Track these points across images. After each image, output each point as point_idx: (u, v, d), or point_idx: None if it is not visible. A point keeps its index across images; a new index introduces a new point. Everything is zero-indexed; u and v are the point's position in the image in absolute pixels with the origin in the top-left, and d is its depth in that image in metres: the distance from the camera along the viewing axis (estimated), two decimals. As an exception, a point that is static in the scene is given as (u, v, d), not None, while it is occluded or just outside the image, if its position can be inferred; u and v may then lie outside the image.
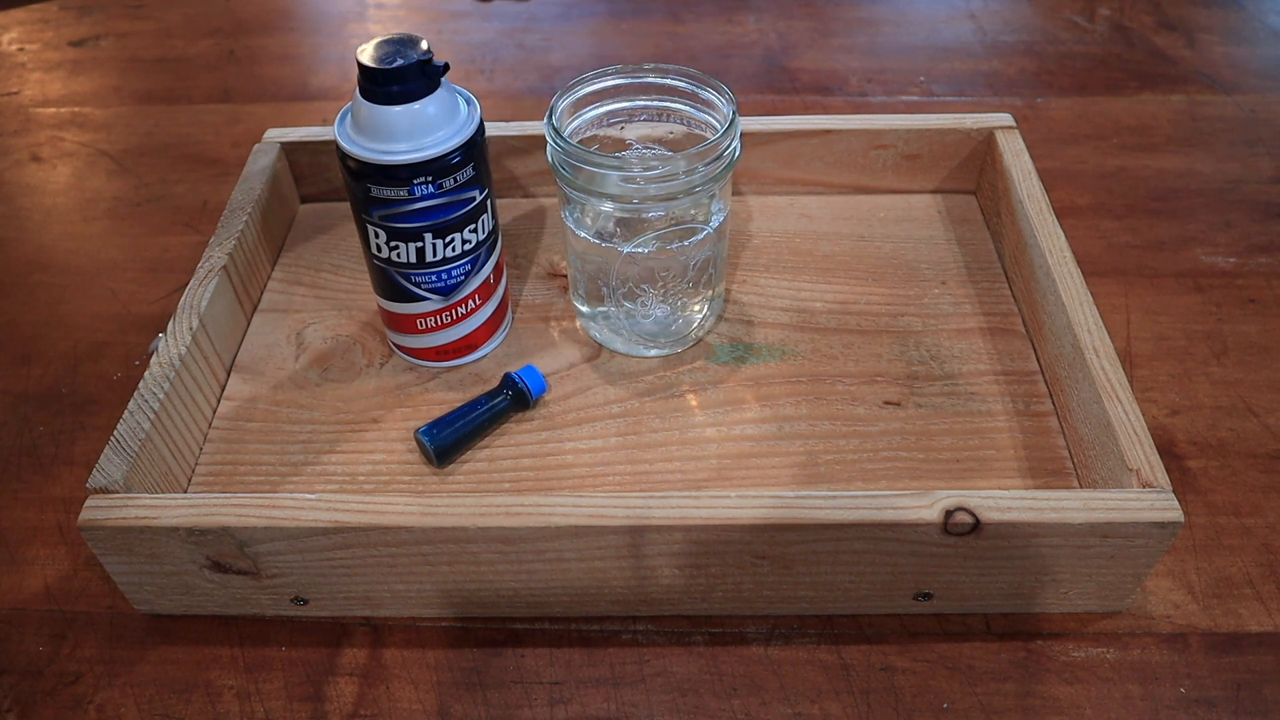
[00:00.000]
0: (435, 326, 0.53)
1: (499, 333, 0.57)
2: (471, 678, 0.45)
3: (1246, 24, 0.93)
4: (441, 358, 0.55)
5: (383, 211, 0.48)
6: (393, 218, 0.48)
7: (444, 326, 0.53)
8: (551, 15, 0.97)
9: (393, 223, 0.49)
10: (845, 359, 0.57)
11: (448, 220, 0.49)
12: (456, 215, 0.49)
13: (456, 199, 0.49)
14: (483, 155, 0.49)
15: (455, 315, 0.53)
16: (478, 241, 0.51)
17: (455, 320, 0.53)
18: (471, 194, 0.49)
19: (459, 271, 0.51)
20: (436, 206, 0.48)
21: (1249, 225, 0.68)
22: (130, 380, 0.59)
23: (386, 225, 0.49)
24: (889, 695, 0.44)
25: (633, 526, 0.42)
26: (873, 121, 0.65)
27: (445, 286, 0.52)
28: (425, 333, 0.54)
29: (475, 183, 0.49)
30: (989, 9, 0.96)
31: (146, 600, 0.47)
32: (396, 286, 0.52)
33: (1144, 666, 0.45)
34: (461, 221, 0.49)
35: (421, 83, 0.46)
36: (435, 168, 0.47)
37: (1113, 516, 0.41)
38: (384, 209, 0.48)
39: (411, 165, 0.47)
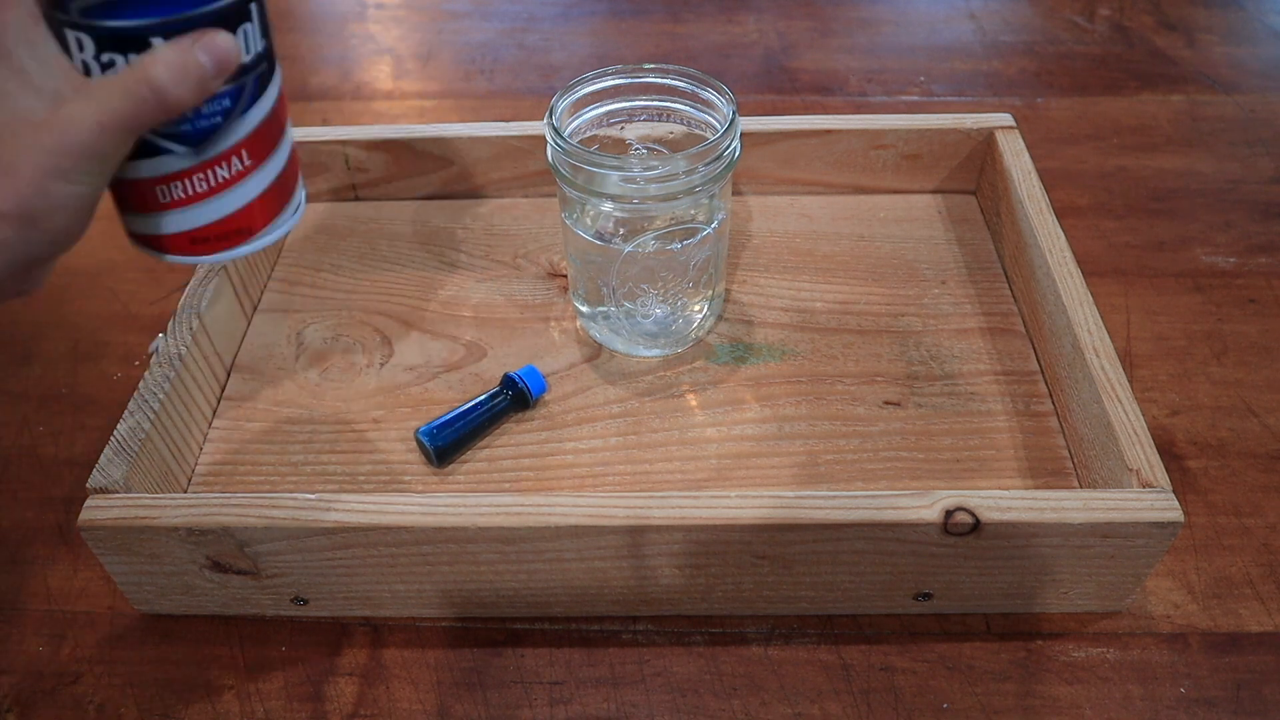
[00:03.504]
0: (185, 198, 0.37)
1: (285, 213, 0.40)
2: (471, 678, 0.45)
3: (1246, 24, 0.92)
4: (199, 248, 0.38)
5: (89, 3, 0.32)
6: (100, 8, 0.32)
7: (198, 197, 0.37)
8: (551, 15, 0.97)
9: (101, 19, 0.32)
10: (845, 359, 0.57)
11: (185, 15, 0.33)
12: (200, 10, 0.33)
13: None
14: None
15: (214, 179, 0.37)
16: (241, 65, 0.35)
17: (215, 187, 0.37)
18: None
19: (213, 108, 0.35)
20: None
21: (1249, 225, 0.68)
22: (130, 380, 0.59)
23: (91, 25, 0.32)
24: (889, 695, 0.44)
25: (633, 526, 0.42)
26: (873, 121, 0.65)
27: (194, 131, 0.35)
28: (171, 207, 0.37)
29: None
30: (989, 9, 0.96)
31: (146, 600, 0.47)
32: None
33: (1144, 666, 0.45)
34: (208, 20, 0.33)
35: None
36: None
37: (1113, 516, 0.41)
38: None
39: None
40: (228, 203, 0.37)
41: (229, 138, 0.36)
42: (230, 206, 0.38)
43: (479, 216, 0.67)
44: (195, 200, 0.37)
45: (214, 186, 0.37)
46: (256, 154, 0.37)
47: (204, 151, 0.36)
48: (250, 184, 0.38)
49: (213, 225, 0.38)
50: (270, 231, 0.39)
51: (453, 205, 0.68)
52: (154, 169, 0.36)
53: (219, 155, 0.36)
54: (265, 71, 0.37)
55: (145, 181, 0.36)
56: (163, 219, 0.37)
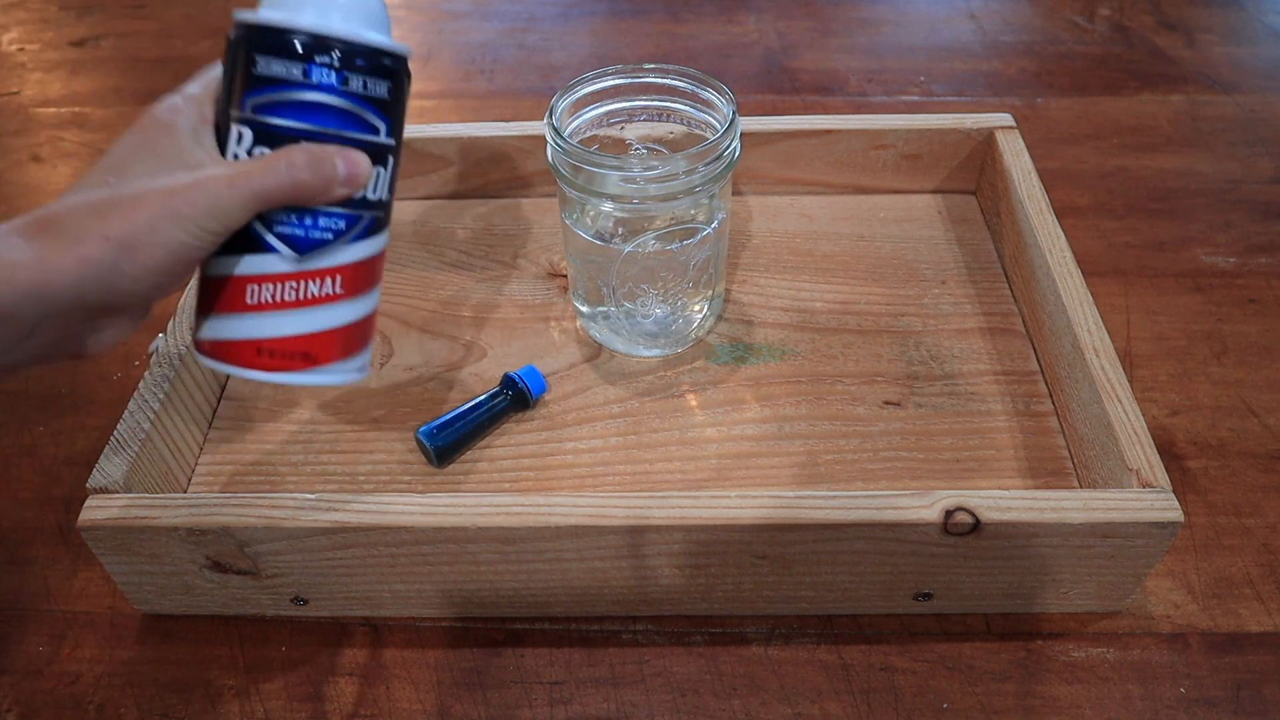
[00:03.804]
0: (271, 303, 0.37)
1: (351, 361, 0.40)
2: (471, 678, 0.45)
3: (1246, 24, 0.92)
4: (262, 361, 0.38)
5: (259, 98, 0.36)
6: (269, 108, 0.36)
7: (283, 305, 0.37)
8: (551, 15, 0.97)
9: (266, 115, 0.36)
10: (845, 359, 0.57)
11: (334, 131, 0.36)
12: (352, 135, 0.37)
13: (358, 113, 0.37)
14: (402, 101, 0.39)
15: (304, 292, 0.38)
16: (365, 198, 0.38)
17: (302, 301, 0.38)
18: (377, 123, 0.37)
19: (328, 225, 0.37)
20: (332, 108, 0.36)
21: (1249, 225, 0.68)
22: (130, 380, 0.59)
23: (256, 120, 0.36)
24: (889, 695, 0.44)
25: (633, 526, 0.42)
26: (873, 121, 0.65)
27: (304, 239, 0.37)
28: (252, 310, 0.37)
29: (386, 112, 0.38)
30: (989, 9, 0.96)
31: (146, 600, 0.47)
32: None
33: (1144, 666, 0.45)
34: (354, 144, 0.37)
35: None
36: (345, 51, 0.36)
37: (1113, 516, 0.41)
38: (261, 93, 0.36)
39: (317, 36, 0.35)
40: (306, 321, 0.38)
41: (331, 258, 0.38)
42: (306, 326, 0.38)
43: (479, 216, 0.67)
44: (279, 308, 0.37)
45: (301, 300, 0.38)
46: (348, 286, 0.39)
47: (305, 262, 0.37)
48: (332, 312, 0.39)
49: (283, 340, 0.38)
50: (331, 371, 0.39)
51: (453, 205, 0.68)
52: (255, 266, 0.37)
53: (316, 271, 0.38)
54: (379, 218, 0.39)
55: (240, 279, 0.37)
56: (240, 322, 0.38)
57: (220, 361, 0.38)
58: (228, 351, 0.38)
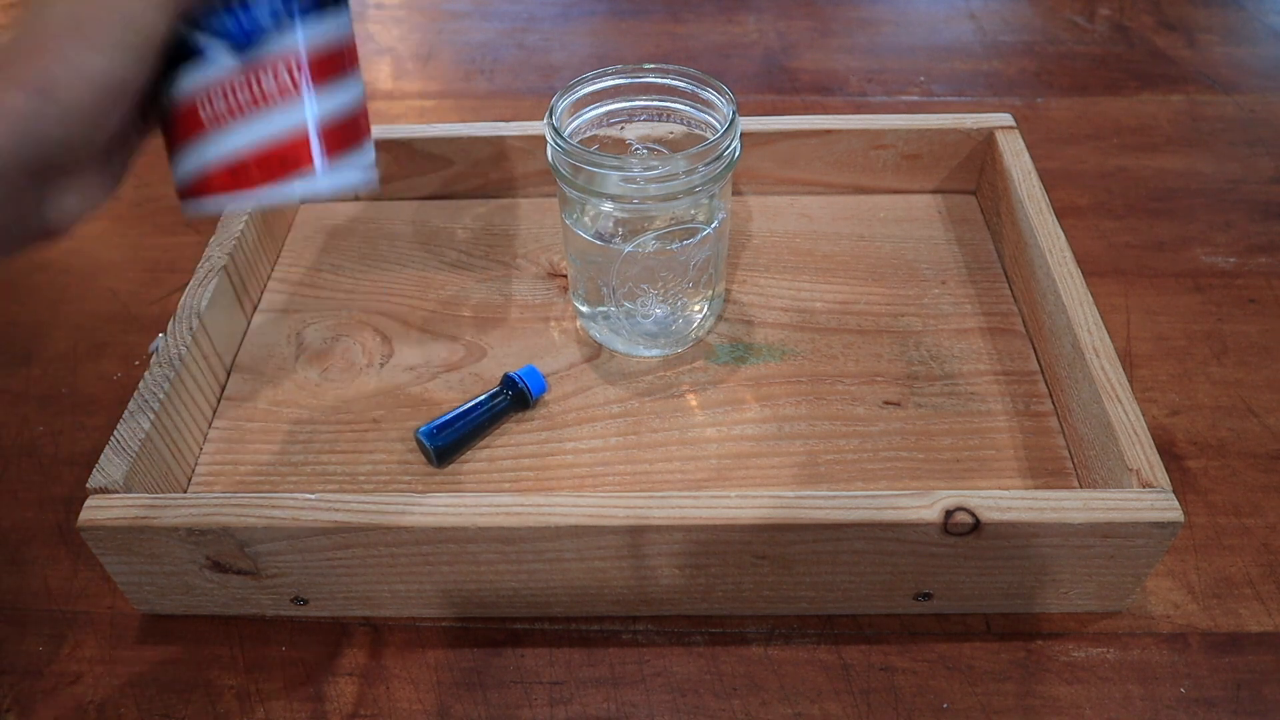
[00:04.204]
0: (228, 113, 0.33)
1: (343, 159, 0.35)
2: (471, 678, 0.45)
3: (1246, 24, 0.92)
4: (239, 182, 0.34)
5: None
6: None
7: (240, 113, 0.33)
8: (551, 15, 0.97)
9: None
10: (845, 359, 0.57)
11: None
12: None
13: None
14: None
15: (258, 90, 0.33)
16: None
17: (259, 99, 0.33)
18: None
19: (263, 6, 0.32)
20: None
21: (1249, 225, 0.68)
22: (130, 380, 0.59)
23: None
24: (889, 695, 0.44)
25: (633, 526, 0.42)
26: (873, 121, 0.65)
27: (240, 30, 0.32)
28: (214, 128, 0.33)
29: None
30: (989, 9, 0.96)
31: (146, 600, 0.47)
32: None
33: (1144, 666, 0.45)
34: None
35: None
36: None
37: (1113, 516, 0.41)
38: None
39: None
40: (272, 122, 0.33)
41: (278, 44, 0.33)
42: (274, 127, 0.33)
43: (479, 216, 0.67)
44: (237, 116, 0.33)
45: (258, 99, 0.33)
46: (313, 73, 0.33)
47: (249, 55, 0.32)
48: (299, 108, 0.33)
49: (255, 150, 0.33)
50: (324, 174, 0.34)
51: (453, 205, 0.68)
52: (198, 78, 0.32)
53: (265, 63, 0.33)
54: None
55: (188, 101, 0.33)
56: (205, 148, 0.33)
57: (200, 198, 0.34)
58: (204, 184, 0.34)
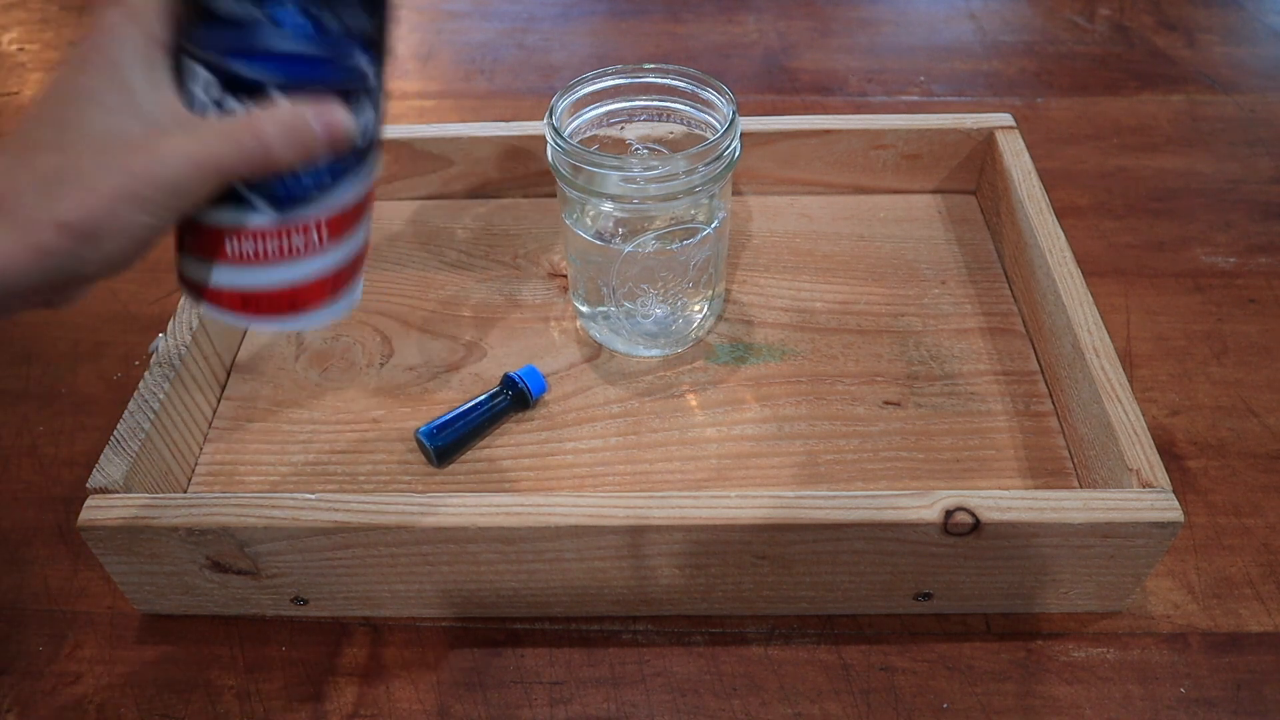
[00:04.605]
0: (252, 257, 0.35)
1: (339, 299, 0.37)
2: (471, 678, 0.45)
3: (1246, 24, 0.92)
4: (247, 310, 0.36)
5: (220, 41, 0.31)
6: (232, 52, 0.31)
7: (265, 259, 0.35)
8: (551, 15, 0.97)
9: (230, 60, 0.31)
10: (845, 359, 0.57)
11: (311, 81, 0.32)
12: (327, 80, 0.33)
13: (335, 55, 0.32)
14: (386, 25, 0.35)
15: (287, 246, 0.35)
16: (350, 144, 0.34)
17: (285, 254, 0.35)
18: (358, 60, 0.33)
19: (311, 179, 0.34)
20: (302, 55, 0.32)
21: (1249, 225, 0.68)
22: (130, 380, 0.59)
23: (220, 65, 0.32)
24: (889, 695, 0.44)
25: (633, 526, 0.42)
26: (873, 121, 0.65)
27: (285, 195, 0.34)
28: (235, 262, 0.35)
29: (368, 45, 0.33)
30: (989, 9, 0.96)
31: (146, 600, 0.47)
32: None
33: (1144, 666, 0.45)
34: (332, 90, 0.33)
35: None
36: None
37: (1113, 516, 0.41)
38: (222, 34, 0.31)
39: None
40: (290, 273, 0.35)
41: (315, 209, 0.35)
42: (291, 278, 0.36)
43: (479, 216, 0.67)
44: (261, 262, 0.35)
45: (284, 253, 0.35)
46: (335, 233, 0.36)
47: (287, 216, 0.34)
48: (318, 261, 0.36)
49: (268, 291, 0.36)
50: (318, 314, 0.37)
51: (453, 205, 0.68)
52: (232, 219, 0.34)
53: (300, 224, 0.35)
54: (365, 158, 0.36)
55: (218, 230, 0.34)
56: (222, 272, 0.35)
57: (206, 303, 0.36)
58: (213, 296, 0.36)
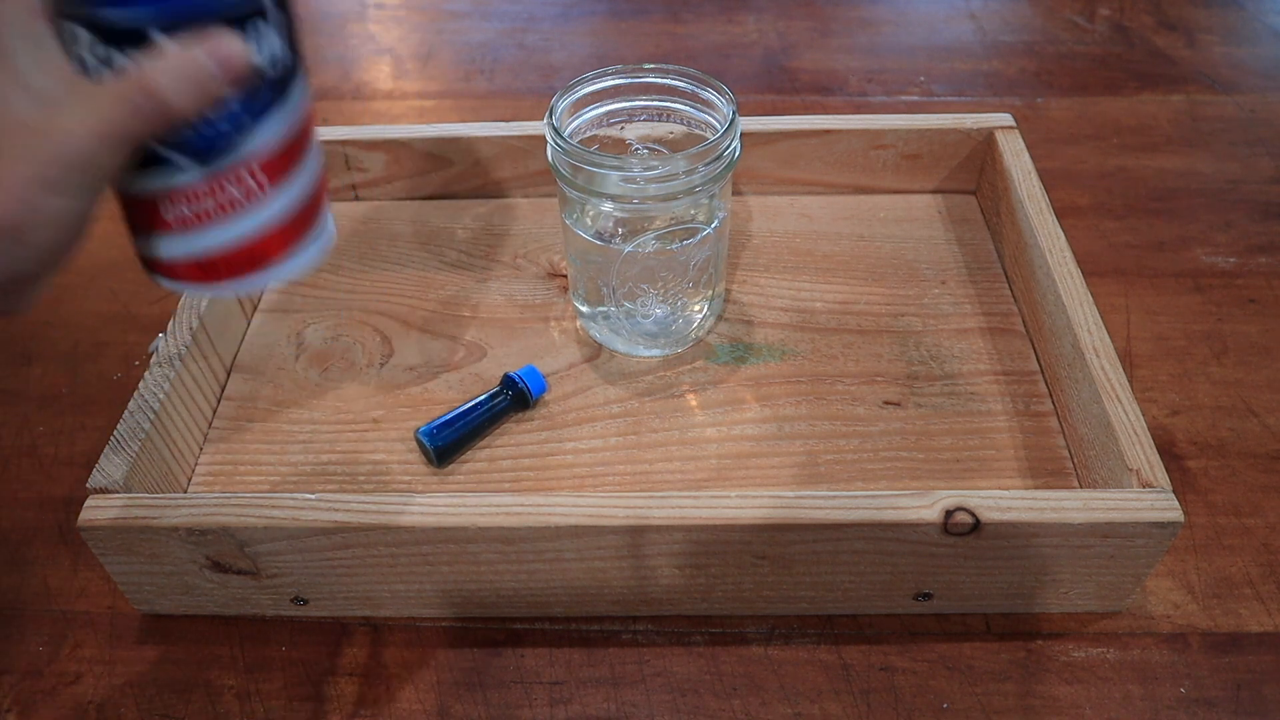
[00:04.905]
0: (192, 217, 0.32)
1: (305, 244, 0.35)
2: (471, 678, 0.45)
3: (1246, 24, 0.92)
4: (211, 276, 0.34)
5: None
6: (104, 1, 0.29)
7: (205, 217, 0.32)
8: (551, 15, 0.97)
9: (103, 10, 0.29)
10: (845, 359, 0.57)
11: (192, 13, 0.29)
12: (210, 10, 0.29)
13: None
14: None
15: (224, 199, 0.32)
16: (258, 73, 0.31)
17: (226, 209, 0.32)
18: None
19: (225, 119, 0.31)
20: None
21: (1249, 225, 0.68)
22: (130, 380, 0.59)
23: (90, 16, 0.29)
24: (889, 695, 0.44)
25: (633, 526, 0.42)
26: (873, 121, 0.65)
27: (203, 146, 0.31)
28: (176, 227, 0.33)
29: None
30: (989, 9, 0.96)
31: (146, 600, 0.47)
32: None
33: (1144, 666, 0.45)
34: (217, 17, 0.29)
35: None
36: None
37: (1113, 516, 0.41)
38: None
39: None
40: (240, 227, 0.33)
41: (240, 151, 0.32)
42: (242, 231, 0.33)
43: (479, 216, 0.67)
44: (203, 221, 0.32)
45: (223, 206, 0.32)
46: (275, 174, 0.33)
47: (211, 164, 0.32)
48: (266, 207, 0.33)
49: (223, 252, 0.33)
50: (288, 263, 0.35)
51: (453, 205, 0.68)
52: (157, 182, 0.32)
53: (229, 171, 0.32)
54: (284, 79, 0.32)
55: (149, 198, 0.32)
56: (168, 241, 0.33)
57: (168, 279, 0.34)
58: (171, 270, 0.34)
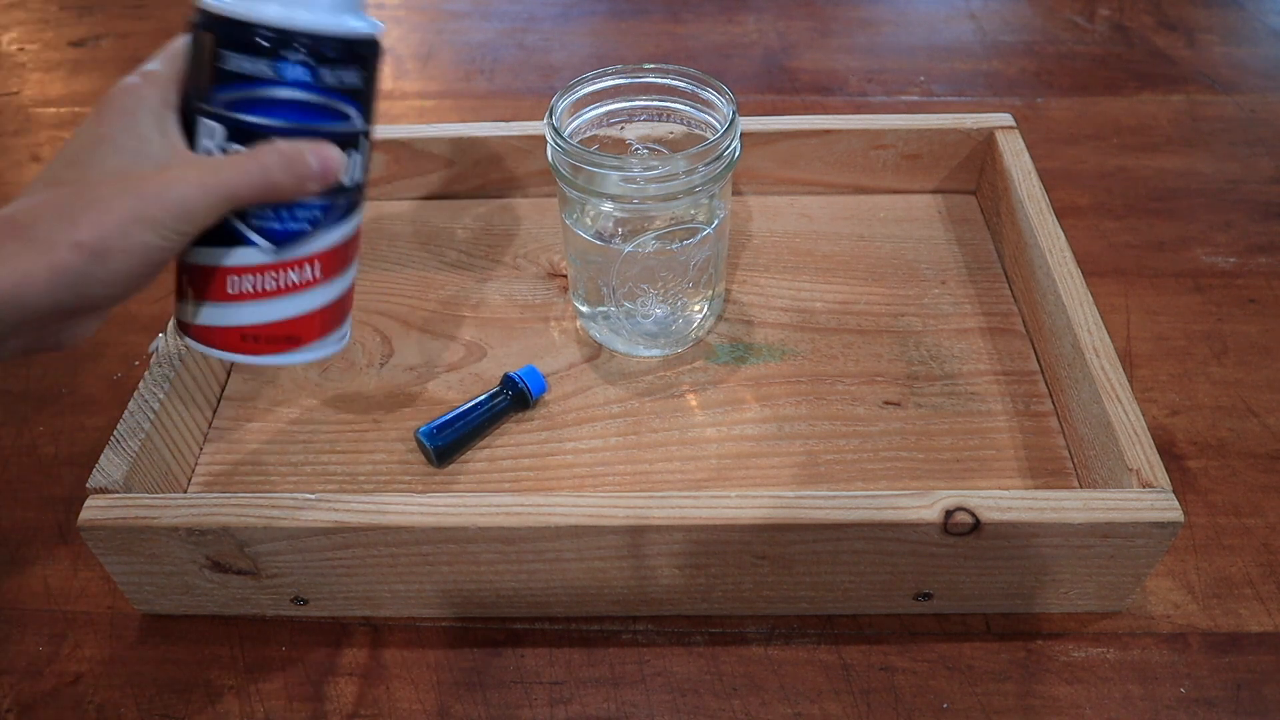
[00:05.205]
0: (252, 293, 0.38)
1: (332, 336, 0.41)
2: (471, 678, 0.45)
3: (1246, 24, 0.92)
4: (246, 346, 0.39)
5: (229, 94, 0.35)
6: (241, 104, 0.35)
7: (264, 295, 0.38)
8: (551, 15, 0.97)
9: (239, 112, 0.35)
10: (845, 359, 0.57)
11: (308, 127, 0.36)
12: (325, 128, 0.37)
13: (331, 105, 0.36)
14: (373, 82, 0.38)
15: (284, 281, 0.38)
16: (340, 186, 0.38)
17: (282, 289, 0.38)
18: (350, 111, 0.37)
19: (305, 216, 0.37)
20: (304, 104, 0.36)
21: (1249, 225, 0.68)
22: (130, 380, 0.59)
23: (227, 116, 0.35)
24: (889, 695, 0.44)
25: (633, 526, 0.42)
26: (873, 121, 0.65)
27: (282, 231, 0.37)
28: (234, 300, 0.38)
29: (358, 98, 0.37)
30: (989, 9, 0.96)
31: (146, 600, 0.47)
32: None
33: (1144, 666, 0.45)
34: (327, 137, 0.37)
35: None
36: (314, 45, 0.35)
37: (1113, 516, 0.41)
38: (232, 90, 0.35)
39: (285, 31, 0.34)
40: (287, 307, 0.39)
41: (309, 246, 0.38)
42: (288, 312, 0.39)
43: (479, 216, 0.67)
44: (260, 297, 0.38)
45: (281, 288, 0.38)
46: (327, 269, 0.39)
47: (284, 252, 0.38)
48: (312, 296, 0.39)
49: (267, 326, 0.39)
50: (314, 349, 0.40)
51: (453, 205, 0.68)
52: (233, 258, 0.37)
53: (295, 260, 0.38)
54: (355, 200, 0.39)
55: (220, 270, 0.38)
56: (222, 310, 0.38)
57: (206, 346, 0.39)
58: (213, 337, 0.39)
